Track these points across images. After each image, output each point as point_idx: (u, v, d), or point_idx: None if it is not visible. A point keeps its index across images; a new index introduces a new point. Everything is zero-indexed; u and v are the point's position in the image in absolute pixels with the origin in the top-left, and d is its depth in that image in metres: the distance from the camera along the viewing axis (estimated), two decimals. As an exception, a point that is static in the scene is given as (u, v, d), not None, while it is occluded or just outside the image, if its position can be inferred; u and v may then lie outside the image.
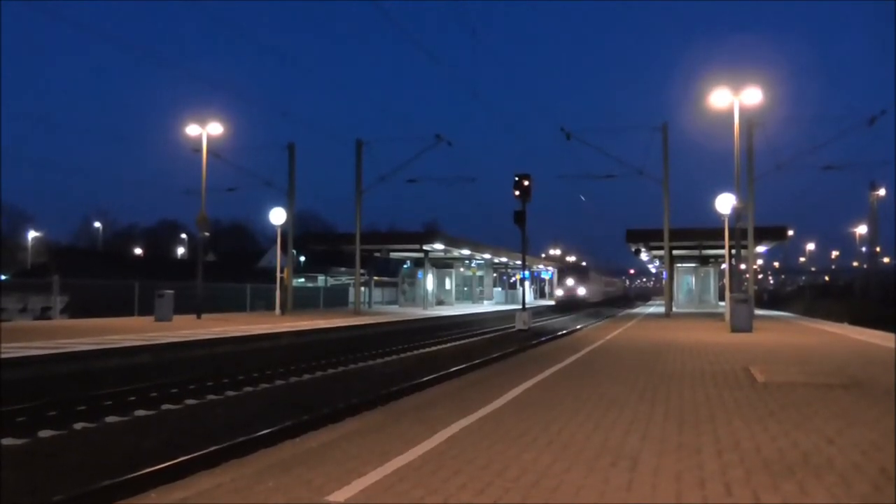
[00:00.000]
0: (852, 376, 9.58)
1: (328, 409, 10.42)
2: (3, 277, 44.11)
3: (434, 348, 21.31)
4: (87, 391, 11.38)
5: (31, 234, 69.04)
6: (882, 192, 55.59)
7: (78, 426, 9.33)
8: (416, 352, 20.43)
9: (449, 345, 22.48)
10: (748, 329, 19.20)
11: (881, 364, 11.29)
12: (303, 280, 54.03)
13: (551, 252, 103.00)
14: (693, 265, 42.35)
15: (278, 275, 29.94)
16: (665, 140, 30.18)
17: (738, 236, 24.14)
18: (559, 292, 63.67)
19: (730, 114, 23.28)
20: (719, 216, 26.15)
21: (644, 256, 51.17)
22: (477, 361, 16.53)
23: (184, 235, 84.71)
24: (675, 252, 35.61)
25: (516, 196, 25.87)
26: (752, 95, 22.95)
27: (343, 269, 59.24)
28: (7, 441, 8.28)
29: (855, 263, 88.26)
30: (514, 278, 72.11)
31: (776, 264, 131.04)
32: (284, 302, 30.19)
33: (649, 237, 34.82)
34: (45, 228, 73.91)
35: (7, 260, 55.88)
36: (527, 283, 49.21)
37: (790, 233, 35.54)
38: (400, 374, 14.96)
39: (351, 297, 40.81)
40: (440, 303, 47.71)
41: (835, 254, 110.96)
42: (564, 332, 26.88)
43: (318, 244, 48.54)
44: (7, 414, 9.22)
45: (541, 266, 79.70)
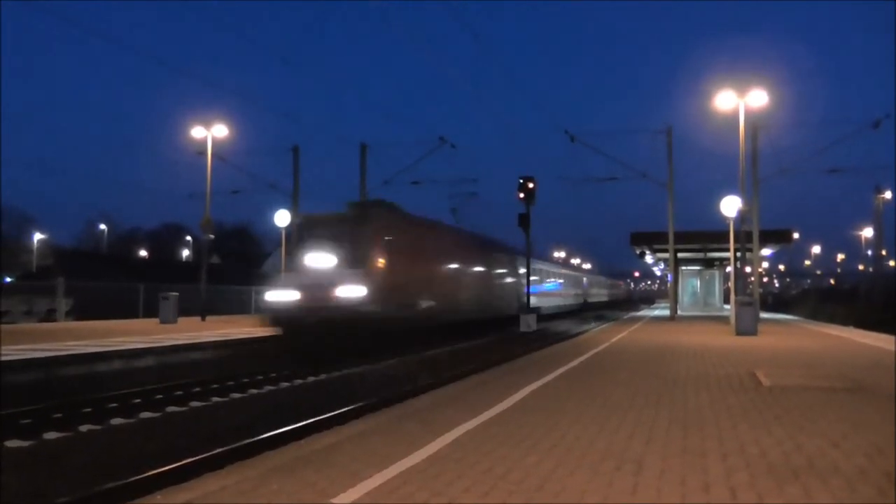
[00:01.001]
0: (857, 380, 9.56)
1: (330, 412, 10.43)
2: (8, 280, 44.26)
3: (438, 350, 21.27)
4: (93, 393, 11.40)
5: (36, 237, 69.21)
6: (887, 195, 55.37)
7: (83, 428, 9.35)
8: (419, 354, 20.38)
9: (453, 347, 22.44)
10: (753, 332, 19.15)
11: (886, 368, 11.25)
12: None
13: (555, 255, 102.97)
14: (698, 268, 42.29)
15: None
16: (669, 143, 30.17)
17: (743, 239, 24.09)
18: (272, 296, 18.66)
19: (735, 116, 23.25)
20: (724, 219, 26.10)
21: (648, 259, 51.09)
22: (481, 364, 16.50)
23: (188, 238, 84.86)
24: (679, 255, 35.55)
25: (520, 199, 25.86)
26: (758, 98, 22.93)
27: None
28: (12, 443, 8.30)
29: (860, 267, 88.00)
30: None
31: (781, 267, 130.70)
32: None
33: (654, 240, 34.75)
34: (49, 231, 74.01)
35: (11, 262, 56.07)
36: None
37: (795, 236, 35.42)
38: (402, 377, 14.94)
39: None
40: None
41: (840, 257, 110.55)
42: (569, 334, 26.84)
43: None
44: (12, 416, 9.24)
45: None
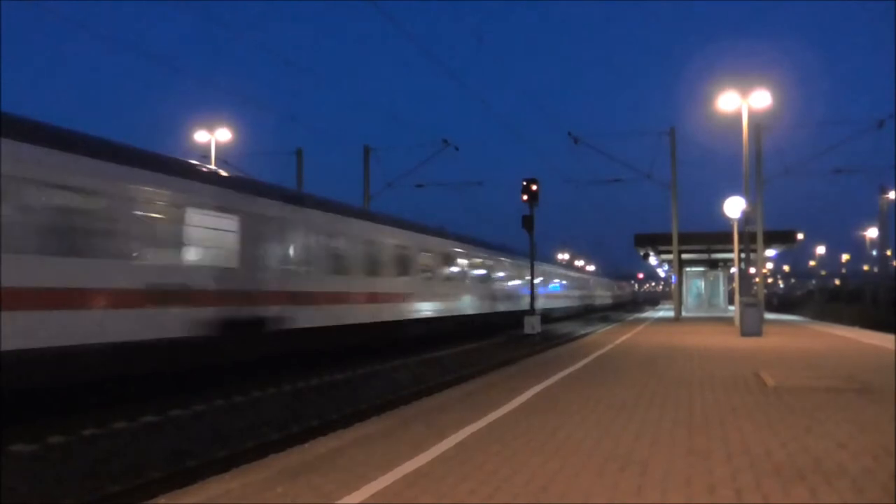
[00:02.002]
0: (863, 381, 9.52)
1: (336, 415, 10.44)
2: None
3: (443, 352, 21.25)
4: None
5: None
6: (892, 195, 55.20)
7: (86, 432, 9.34)
8: (424, 356, 20.37)
9: (458, 348, 22.43)
10: (758, 333, 19.11)
11: (892, 369, 11.20)
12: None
13: (559, 256, 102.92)
14: (702, 269, 42.20)
15: None
16: (673, 144, 30.13)
17: (748, 240, 24.04)
18: None
19: (738, 117, 23.23)
20: (728, 220, 26.05)
21: (653, 260, 51.02)
22: (486, 366, 16.50)
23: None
24: (683, 256, 35.48)
25: (524, 200, 25.85)
26: (761, 98, 22.90)
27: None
28: (16, 447, 8.31)
29: (865, 267, 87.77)
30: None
31: (786, 268, 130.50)
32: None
33: (658, 241, 34.69)
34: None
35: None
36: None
37: (800, 237, 35.32)
38: (408, 380, 14.95)
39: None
40: None
41: (845, 257, 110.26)
42: (574, 336, 26.81)
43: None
44: (14, 419, 9.24)
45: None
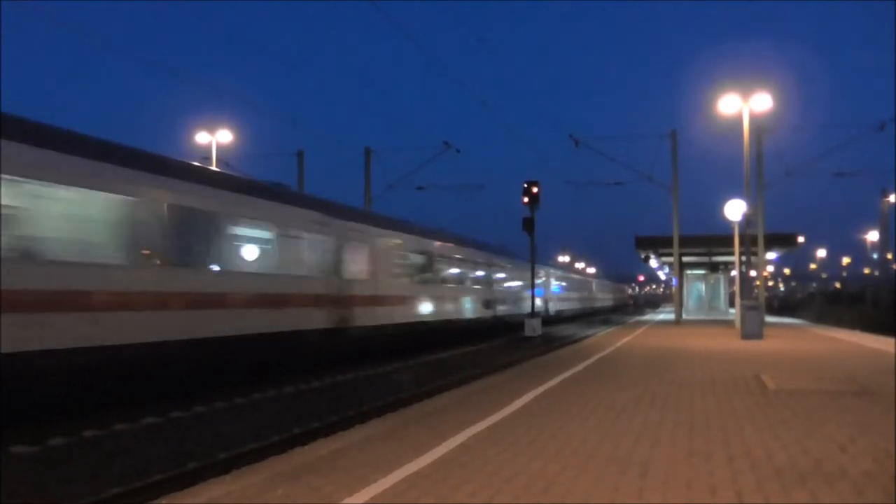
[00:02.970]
0: (864, 383, 9.52)
1: (337, 416, 10.45)
2: None
3: (443, 354, 21.25)
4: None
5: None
6: (893, 198, 55.14)
7: (88, 433, 9.34)
8: (425, 358, 20.37)
9: (458, 351, 22.42)
10: (759, 336, 19.10)
11: (892, 371, 11.20)
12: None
13: (560, 259, 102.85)
14: (703, 272, 42.16)
15: None
16: (674, 147, 30.12)
17: (748, 243, 24.04)
18: None
19: (739, 120, 23.23)
20: (729, 223, 26.06)
21: (653, 263, 51.03)
22: (487, 368, 16.49)
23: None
24: (684, 259, 35.46)
25: (525, 203, 25.87)
26: (762, 101, 22.90)
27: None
28: (16, 448, 8.31)
29: (866, 270, 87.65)
30: None
31: (787, 271, 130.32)
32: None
33: (658, 244, 34.68)
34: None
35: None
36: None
37: (801, 239, 35.29)
38: (409, 381, 14.94)
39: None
40: None
41: (846, 260, 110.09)
42: (574, 338, 26.80)
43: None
44: (15, 420, 9.24)
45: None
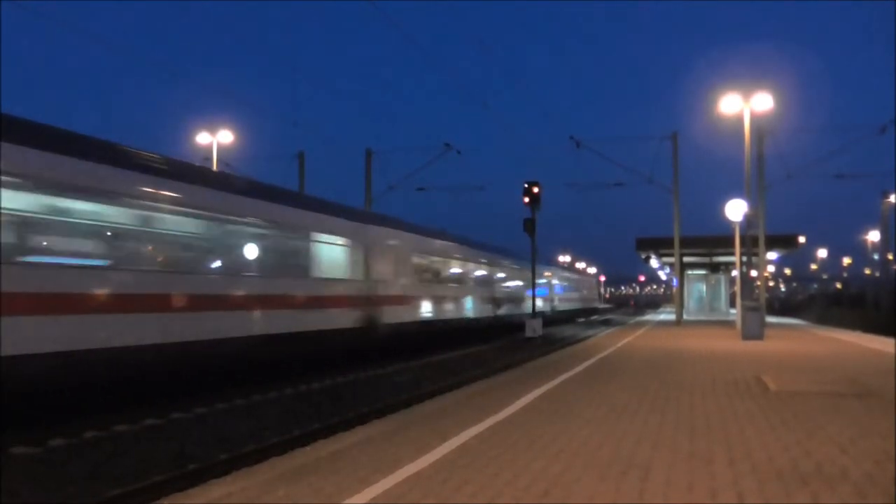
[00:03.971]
0: (865, 385, 9.51)
1: (338, 417, 10.44)
2: None
3: (444, 356, 21.25)
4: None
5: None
6: (894, 199, 55.10)
7: (88, 435, 9.34)
8: (425, 359, 20.38)
9: (459, 352, 22.42)
10: (759, 337, 19.09)
11: (894, 373, 11.19)
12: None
13: (560, 259, 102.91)
14: (703, 273, 42.16)
15: None
16: (675, 149, 30.10)
17: (749, 243, 24.03)
18: None
19: (740, 121, 23.22)
20: (730, 223, 26.04)
21: (654, 264, 51.00)
22: (487, 369, 16.49)
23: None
24: (685, 259, 35.45)
25: (526, 203, 25.86)
26: (763, 101, 22.88)
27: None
28: (17, 450, 8.31)
29: (867, 271, 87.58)
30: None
31: (787, 271, 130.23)
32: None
33: (659, 245, 34.68)
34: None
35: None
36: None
37: (802, 240, 35.27)
38: (411, 383, 14.94)
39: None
40: None
41: (847, 261, 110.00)
42: (575, 339, 26.79)
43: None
44: (15, 422, 9.24)
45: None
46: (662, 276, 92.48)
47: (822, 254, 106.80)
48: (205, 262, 12.71)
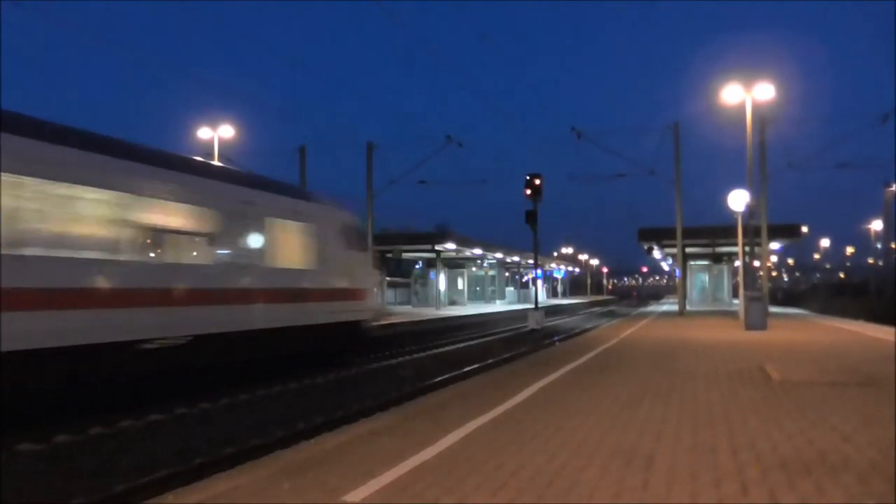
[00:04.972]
0: (868, 374, 9.51)
1: (342, 411, 10.47)
2: None
3: (447, 349, 21.30)
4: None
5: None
6: (896, 187, 55.08)
7: (93, 431, 9.37)
8: (429, 352, 20.43)
9: (462, 345, 22.46)
10: (762, 327, 19.10)
11: (894, 361, 11.19)
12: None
13: (563, 251, 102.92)
14: (706, 263, 42.17)
15: None
16: (676, 140, 30.08)
17: (752, 234, 24.00)
18: None
19: (742, 111, 23.14)
20: (732, 214, 26.03)
21: (657, 255, 50.98)
22: (490, 362, 16.52)
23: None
24: (687, 250, 35.44)
25: (527, 196, 25.83)
26: (764, 91, 22.80)
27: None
28: (23, 447, 8.33)
29: (870, 260, 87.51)
30: (526, 277, 72.18)
31: (790, 261, 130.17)
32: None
33: (662, 236, 34.70)
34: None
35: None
36: (539, 283, 49.08)
37: (804, 230, 35.28)
38: (413, 376, 14.96)
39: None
40: (452, 303, 47.89)
41: (849, 251, 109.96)
42: (578, 331, 26.81)
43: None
44: (21, 418, 9.27)
45: (553, 265, 79.91)
46: (665, 266, 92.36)
47: (824, 243, 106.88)
48: None
